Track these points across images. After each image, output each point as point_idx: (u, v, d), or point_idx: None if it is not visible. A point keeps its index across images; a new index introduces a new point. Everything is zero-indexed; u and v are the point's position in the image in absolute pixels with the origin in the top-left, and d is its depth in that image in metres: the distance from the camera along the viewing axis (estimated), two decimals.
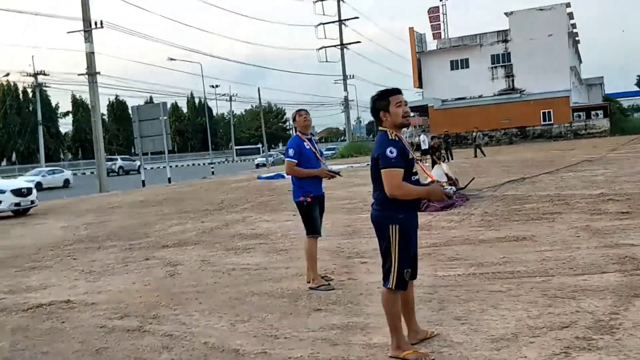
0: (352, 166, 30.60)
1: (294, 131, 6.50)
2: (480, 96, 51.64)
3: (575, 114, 49.27)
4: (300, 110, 6.18)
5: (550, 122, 48.63)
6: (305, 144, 5.99)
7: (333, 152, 57.71)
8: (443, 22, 61.67)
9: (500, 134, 48.43)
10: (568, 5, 51.78)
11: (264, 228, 10.38)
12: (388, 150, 3.61)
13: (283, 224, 10.67)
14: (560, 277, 5.45)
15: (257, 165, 49.02)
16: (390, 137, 3.68)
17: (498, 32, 52.97)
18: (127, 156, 60.55)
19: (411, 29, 54.76)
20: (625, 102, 65.30)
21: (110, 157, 53.16)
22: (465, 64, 53.11)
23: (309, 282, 5.99)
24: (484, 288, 5.31)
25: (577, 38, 60.42)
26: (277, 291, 5.84)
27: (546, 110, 48.74)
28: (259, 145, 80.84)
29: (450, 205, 10.83)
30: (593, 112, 49.72)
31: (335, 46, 55.94)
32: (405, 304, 3.97)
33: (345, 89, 57.13)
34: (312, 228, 5.94)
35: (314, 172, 5.96)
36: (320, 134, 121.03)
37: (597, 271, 5.50)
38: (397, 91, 3.80)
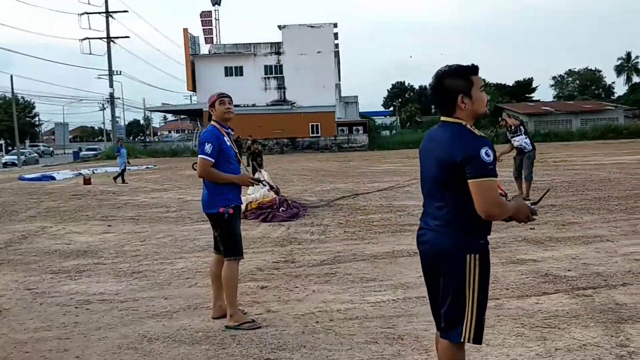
0: (129, 169, 28.07)
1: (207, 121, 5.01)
2: (253, 105, 51.95)
3: (339, 128, 52.39)
4: (222, 95, 4.75)
5: (318, 135, 50.88)
6: (225, 139, 4.64)
7: (95, 153, 53.05)
8: (215, 27, 60.99)
9: (273, 144, 49.24)
10: (335, 25, 55.02)
11: (82, 242, 8.37)
12: (484, 152, 2.56)
13: (104, 237, 8.77)
14: (507, 300, 4.94)
15: (5, 164, 42.53)
16: (477, 133, 2.67)
17: (272, 43, 53.96)
18: None
19: (185, 30, 52.98)
20: (377, 121, 71.71)
21: None
22: (239, 71, 53.01)
23: (215, 318, 4.65)
24: None
25: (339, 57, 64.58)
26: (182, 334, 4.35)
27: (314, 123, 50.91)
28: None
29: (296, 215, 10.04)
30: (355, 128, 53.41)
31: (101, 39, 51.54)
32: None
33: (111, 85, 52.93)
34: (235, 248, 4.59)
35: (234, 178, 4.62)
36: (74, 132, 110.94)
37: (537, 292, 5.13)
38: (478, 69, 2.80)
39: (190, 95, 58.44)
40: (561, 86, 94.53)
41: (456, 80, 2.71)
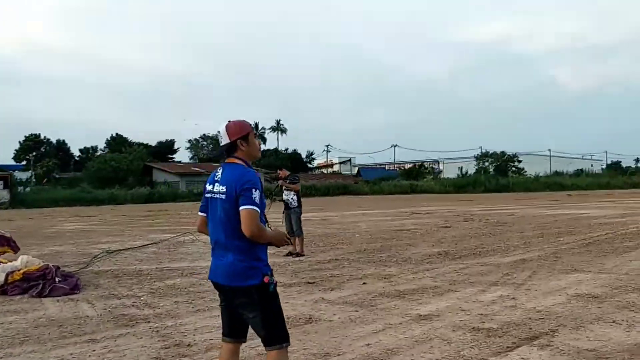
0: None
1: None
2: None
3: None
4: (249, 124, 3.40)
5: None
6: None
7: None
8: None
9: None
10: None
11: None
12: None
13: None
14: (495, 358, 4.70)
15: None
16: None
17: None
18: None
19: None
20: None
21: None
22: None
23: None
24: None
25: None
26: None
27: None
28: None
29: (77, 286, 7.95)
30: None
31: None
32: None
33: None
34: (284, 331, 3.30)
35: (274, 236, 3.36)
36: None
37: (502, 349, 4.96)
38: None
39: None
40: (197, 149, 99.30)
41: None
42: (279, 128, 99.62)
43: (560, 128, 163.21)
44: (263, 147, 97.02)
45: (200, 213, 3.51)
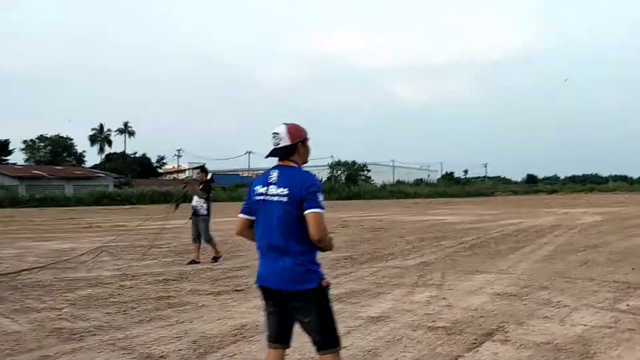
0: None
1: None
2: None
3: None
4: (305, 129, 3.33)
5: None
6: None
7: None
8: None
9: None
10: None
11: None
12: None
13: None
14: (465, 358, 4.98)
15: None
16: None
17: None
18: None
19: None
20: None
21: None
22: None
23: None
24: None
25: None
26: None
27: None
28: None
29: None
30: None
31: None
32: None
33: None
34: (337, 334, 3.28)
35: (329, 240, 3.35)
36: None
37: (470, 345, 5.29)
38: None
39: None
40: (32, 150, 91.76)
41: None
42: (126, 130, 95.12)
43: (400, 140, 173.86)
44: (108, 149, 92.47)
45: (242, 215, 3.38)
